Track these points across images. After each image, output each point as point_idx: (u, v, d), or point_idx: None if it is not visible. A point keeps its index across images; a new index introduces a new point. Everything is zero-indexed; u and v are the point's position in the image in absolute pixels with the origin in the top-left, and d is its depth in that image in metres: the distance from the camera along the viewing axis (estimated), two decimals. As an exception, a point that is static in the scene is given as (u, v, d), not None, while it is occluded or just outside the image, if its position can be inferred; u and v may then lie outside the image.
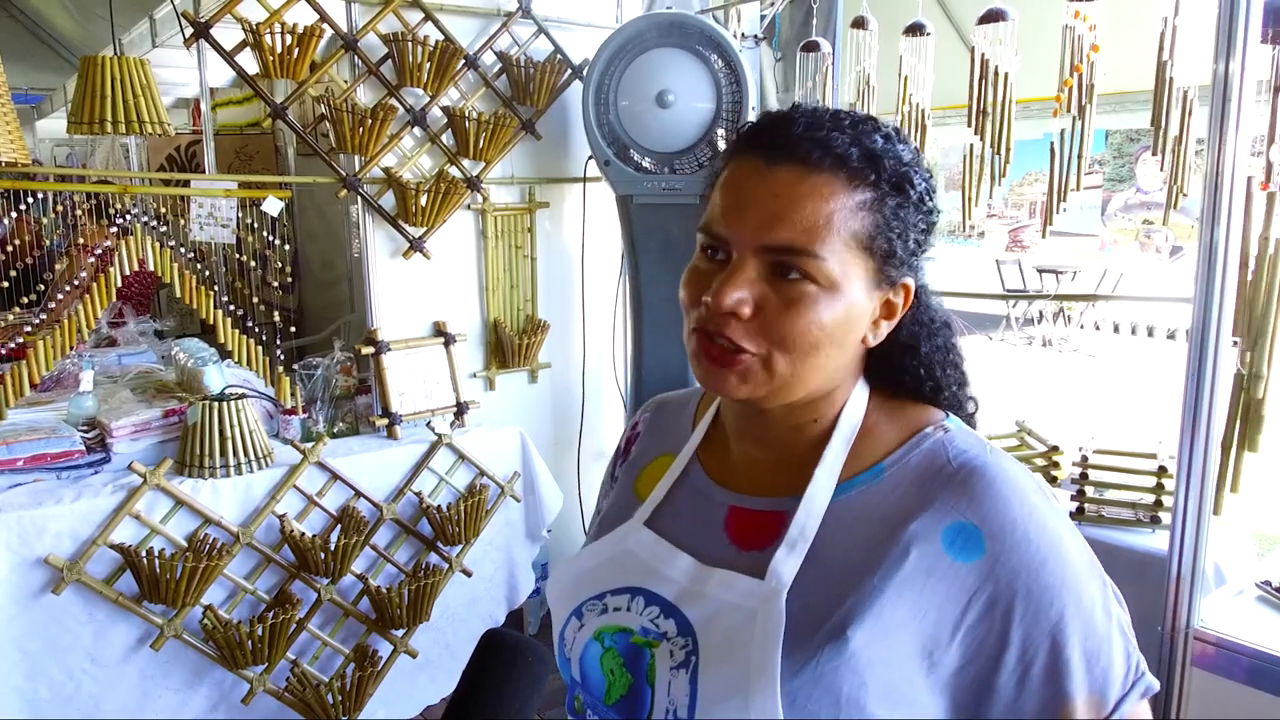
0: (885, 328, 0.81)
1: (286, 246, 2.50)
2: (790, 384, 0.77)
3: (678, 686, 0.76)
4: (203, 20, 2.39)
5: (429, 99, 2.71)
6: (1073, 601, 0.73)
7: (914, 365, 0.85)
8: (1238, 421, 1.80)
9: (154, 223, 2.31)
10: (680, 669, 0.76)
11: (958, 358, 0.87)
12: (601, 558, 0.88)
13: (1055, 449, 2.30)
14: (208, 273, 2.45)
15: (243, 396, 2.31)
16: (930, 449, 0.79)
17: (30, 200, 2.19)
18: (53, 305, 2.28)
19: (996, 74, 2.14)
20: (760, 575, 0.76)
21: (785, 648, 0.72)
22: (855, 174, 0.74)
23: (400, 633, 2.52)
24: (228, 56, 2.43)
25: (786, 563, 0.76)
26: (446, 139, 2.79)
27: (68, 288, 2.27)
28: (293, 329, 3.16)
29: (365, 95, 2.64)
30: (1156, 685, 0.77)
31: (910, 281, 0.80)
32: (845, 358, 0.80)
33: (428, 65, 2.63)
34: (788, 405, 0.80)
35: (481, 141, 2.75)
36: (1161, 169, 1.90)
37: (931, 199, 0.80)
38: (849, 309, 0.76)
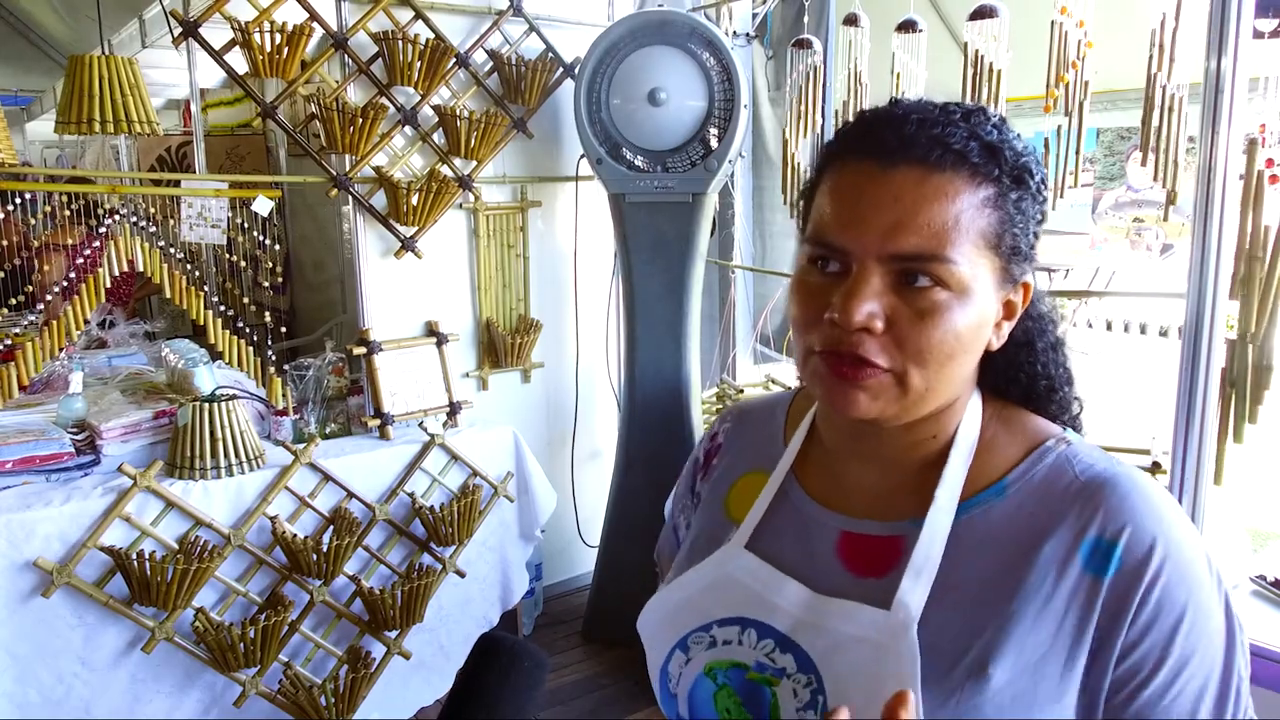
0: (1007, 328, 0.76)
1: (278, 247, 2.49)
2: (924, 399, 0.71)
3: None
4: (191, 19, 2.38)
5: (420, 98, 2.70)
6: (1216, 613, 0.70)
7: (1029, 363, 0.81)
8: (1226, 413, 1.79)
9: (143, 223, 2.30)
10: (809, 709, 0.71)
11: (1064, 356, 0.83)
12: (702, 584, 0.81)
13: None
14: (198, 273, 2.44)
15: (233, 398, 2.30)
16: (1055, 464, 0.74)
17: (18, 201, 2.18)
18: (41, 306, 2.26)
19: (990, 70, 2.14)
20: (883, 605, 0.71)
21: (921, 684, 0.68)
22: (977, 170, 0.70)
23: (393, 634, 2.51)
24: (216, 55, 2.42)
25: (914, 592, 0.71)
26: (438, 138, 2.78)
27: (55, 289, 2.25)
28: (284, 330, 3.14)
29: (356, 94, 2.63)
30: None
31: (1030, 279, 0.76)
32: (974, 365, 0.75)
33: (418, 64, 2.62)
34: (908, 422, 0.75)
35: (473, 140, 2.75)
36: (1144, 164, 1.89)
37: (1046, 188, 0.76)
38: (980, 313, 0.71)
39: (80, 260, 2.24)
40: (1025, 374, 0.81)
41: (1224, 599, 0.72)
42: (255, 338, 2.49)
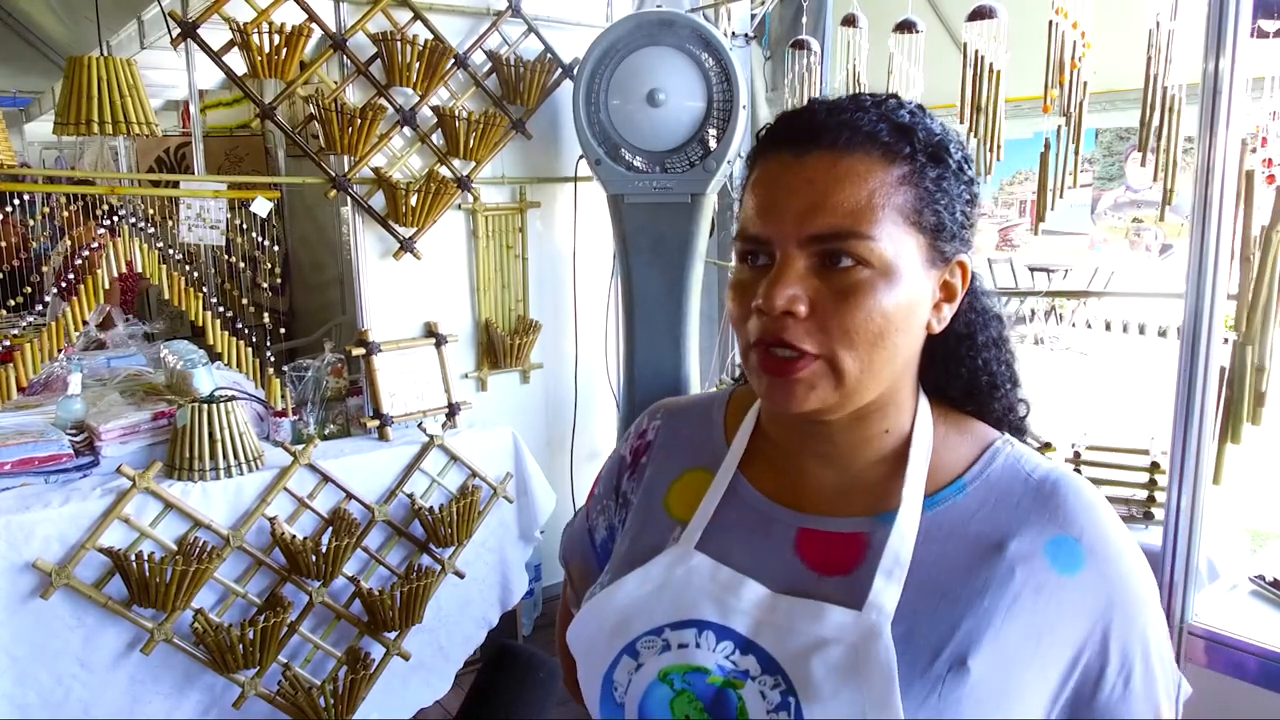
0: (948, 311, 0.76)
1: (276, 248, 2.49)
2: (862, 384, 0.71)
3: None
4: (190, 20, 2.38)
5: (419, 98, 2.70)
6: (1152, 606, 0.74)
7: (969, 356, 0.81)
8: (1228, 415, 1.80)
9: (142, 224, 2.30)
10: (780, 711, 0.69)
11: (1009, 355, 0.83)
12: (649, 587, 0.78)
13: (1048, 445, 2.29)
14: (197, 275, 2.44)
15: (232, 399, 2.30)
16: (1007, 464, 0.76)
17: (17, 202, 2.18)
18: (40, 307, 2.26)
19: (990, 70, 2.14)
20: (851, 604, 0.71)
21: (899, 681, 0.68)
22: (888, 149, 0.70)
23: (393, 635, 2.51)
24: (215, 56, 2.42)
25: (886, 592, 0.70)
26: (436, 139, 2.78)
27: (55, 290, 2.25)
28: (283, 331, 3.14)
29: (354, 95, 2.63)
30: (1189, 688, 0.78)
31: (966, 259, 0.75)
32: (912, 349, 0.75)
33: (417, 65, 2.62)
34: (856, 415, 0.74)
35: (472, 141, 2.75)
36: (1143, 165, 1.90)
37: (970, 167, 0.75)
38: (909, 293, 0.70)
39: (79, 261, 2.24)
40: (966, 368, 0.81)
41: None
42: (254, 339, 2.49)
